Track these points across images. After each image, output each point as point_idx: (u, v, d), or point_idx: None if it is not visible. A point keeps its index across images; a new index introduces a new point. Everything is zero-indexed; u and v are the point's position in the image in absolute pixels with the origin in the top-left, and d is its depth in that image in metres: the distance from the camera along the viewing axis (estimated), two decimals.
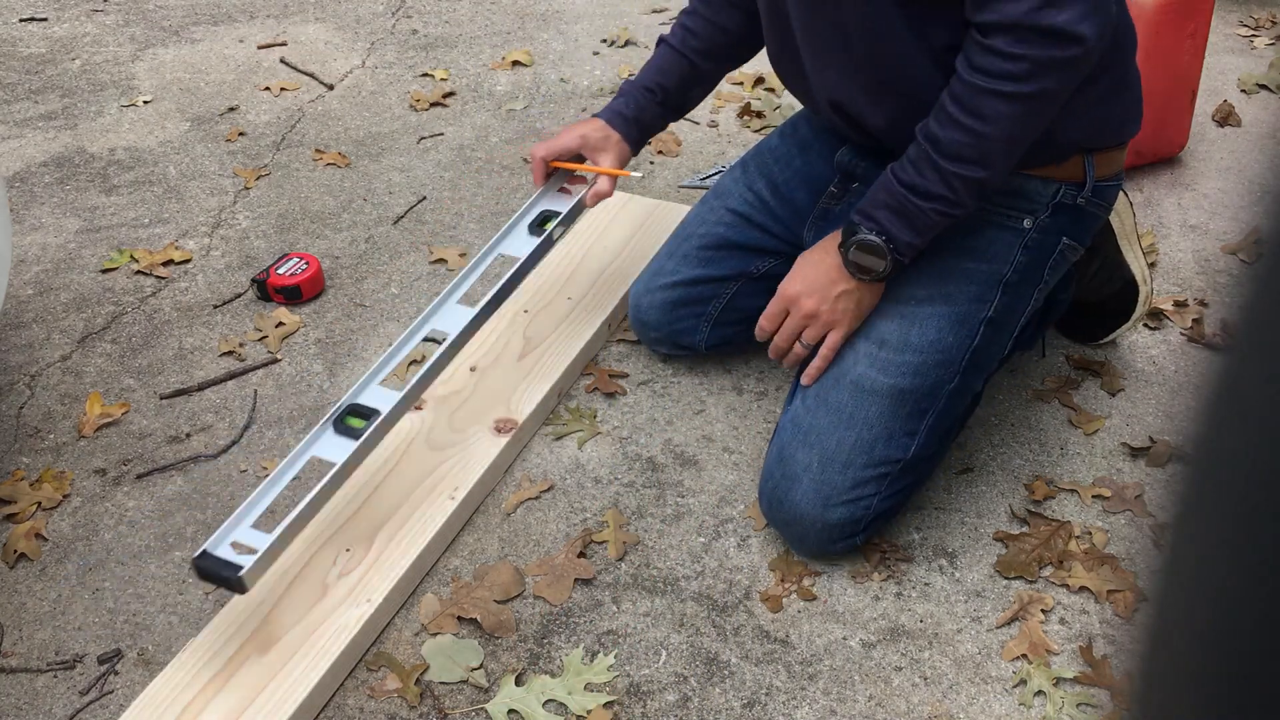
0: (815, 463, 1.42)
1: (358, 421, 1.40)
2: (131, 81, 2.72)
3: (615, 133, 1.65)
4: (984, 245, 1.45)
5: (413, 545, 1.44)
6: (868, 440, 1.42)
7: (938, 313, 1.44)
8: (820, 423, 1.44)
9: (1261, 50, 2.74)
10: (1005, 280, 1.45)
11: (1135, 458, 1.62)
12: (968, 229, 1.43)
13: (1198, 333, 1.84)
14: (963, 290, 1.44)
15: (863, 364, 1.44)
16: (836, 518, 1.40)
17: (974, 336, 1.45)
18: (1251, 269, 0.28)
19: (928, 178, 1.32)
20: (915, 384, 1.42)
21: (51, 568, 1.48)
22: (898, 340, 1.43)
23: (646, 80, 1.66)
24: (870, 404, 1.42)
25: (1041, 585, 1.43)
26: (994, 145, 1.28)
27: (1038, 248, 1.46)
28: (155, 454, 1.66)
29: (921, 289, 1.44)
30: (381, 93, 2.65)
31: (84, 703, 1.31)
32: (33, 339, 1.89)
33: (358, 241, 2.12)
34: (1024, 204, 1.45)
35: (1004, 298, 1.46)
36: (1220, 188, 2.23)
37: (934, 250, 1.43)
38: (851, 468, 1.41)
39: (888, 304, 1.45)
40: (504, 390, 1.69)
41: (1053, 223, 1.46)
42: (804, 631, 1.38)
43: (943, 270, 1.45)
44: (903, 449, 1.43)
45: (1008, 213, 1.45)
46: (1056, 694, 1.30)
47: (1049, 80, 1.25)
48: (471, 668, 1.34)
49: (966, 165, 1.30)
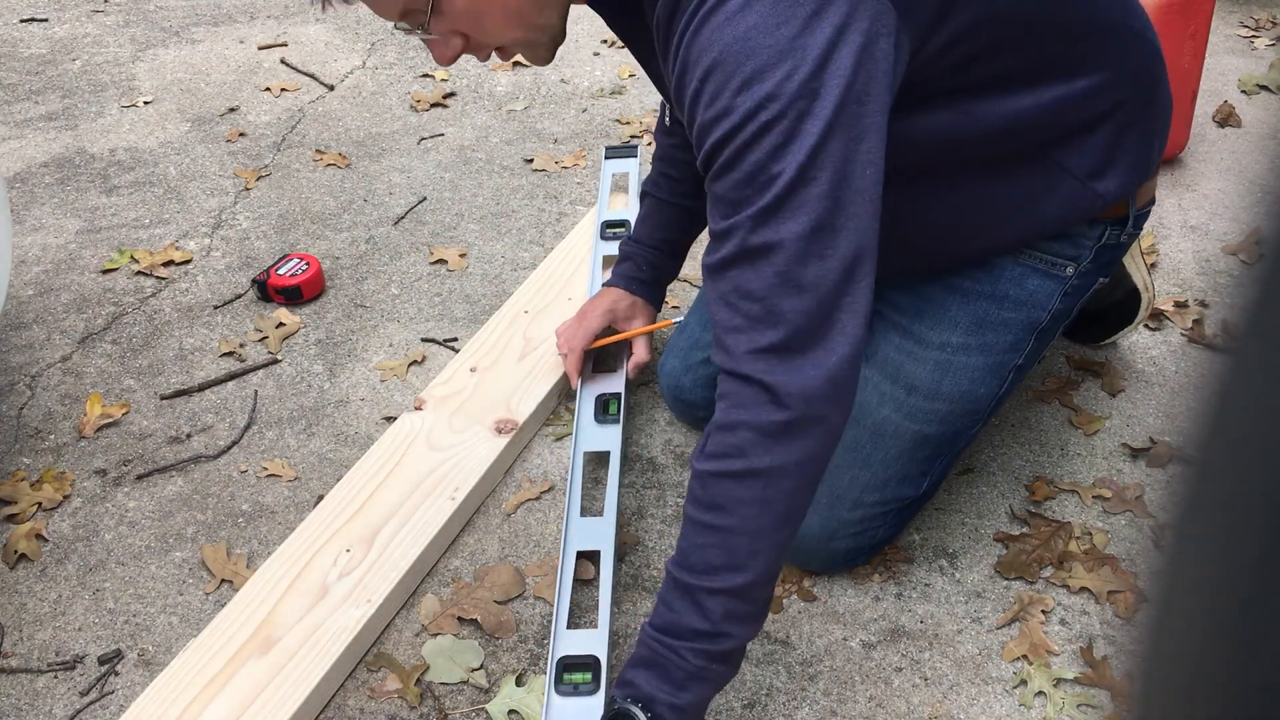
0: (824, 498, 1.38)
1: (580, 676, 1.28)
2: (132, 82, 2.72)
3: (639, 298, 1.63)
4: (1025, 294, 1.36)
5: (413, 546, 1.44)
6: (881, 480, 1.39)
7: (972, 364, 1.36)
8: (835, 459, 1.35)
9: (1262, 51, 2.75)
10: (1041, 328, 1.38)
11: (1136, 458, 1.62)
12: (1009, 276, 1.35)
13: (1198, 333, 1.84)
14: (1000, 339, 1.36)
15: (888, 407, 1.38)
16: (842, 548, 1.40)
17: (1003, 384, 1.39)
18: (1252, 270, 0.28)
19: (677, 609, 1.08)
20: (940, 431, 1.38)
21: (52, 568, 1.48)
22: (928, 388, 1.37)
23: (649, 238, 1.63)
24: (889, 446, 1.38)
25: (1042, 586, 1.43)
26: (741, 540, 1.05)
27: (1075, 293, 1.38)
28: (155, 454, 1.66)
29: (957, 336, 1.36)
30: (382, 93, 2.65)
31: (84, 703, 1.31)
32: (33, 339, 1.89)
33: (358, 242, 2.12)
34: (1070, 250, 1.35)
35: (1035, 343, 1.39)
36: (1220, 188, 2.23)
37: (970, 295, 1.36)
38: (861, 506, 1.39)
39: (921, 349, 1.37)
40: (504, 391, 1.69)
41: (1094, 266, 1.37)
42: (804, 632, 1.38)
43: (981, 318, 1.36)
44: (915, 487, 1.40)
45: (1054, 260, 1.35)
46: (1057, 695, 1.30)
47: (775, 453, 1.03)
48: (472, 668, 1.34)
49: (717, 575, 1.06)
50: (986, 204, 1.29)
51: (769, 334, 1.02)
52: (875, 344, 1.41)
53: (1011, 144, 1.24)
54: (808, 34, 0.98)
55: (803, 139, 0.98)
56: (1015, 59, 1.18)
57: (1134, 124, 1.29)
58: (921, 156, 1.21)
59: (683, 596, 1.07)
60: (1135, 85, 1.28)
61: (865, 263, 1.03)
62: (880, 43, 1.01)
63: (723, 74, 1.00)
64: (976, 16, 1.12)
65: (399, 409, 1.72)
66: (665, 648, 1.08)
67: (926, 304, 1.38)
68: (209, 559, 1.48)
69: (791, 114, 0.98)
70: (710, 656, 1.08)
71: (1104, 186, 1.29)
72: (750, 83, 0.99)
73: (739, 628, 1.08)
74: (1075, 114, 1.24)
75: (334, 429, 1.70)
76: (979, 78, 1.17)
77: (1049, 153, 1.26)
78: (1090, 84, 1.23)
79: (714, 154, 1.03)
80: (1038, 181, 1.28)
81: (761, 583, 1.07)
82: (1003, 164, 1.26)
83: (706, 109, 1.02)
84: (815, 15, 0.98)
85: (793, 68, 0.98)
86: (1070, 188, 1.28)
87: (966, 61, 1.14)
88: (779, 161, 0.99)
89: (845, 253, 1.01)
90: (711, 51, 1.01)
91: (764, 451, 1.03)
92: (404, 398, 1.75)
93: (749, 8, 0.99)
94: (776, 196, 1.00)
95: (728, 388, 1.05)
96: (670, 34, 1.07)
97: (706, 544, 1.06)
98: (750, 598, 1.07)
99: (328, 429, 1.70)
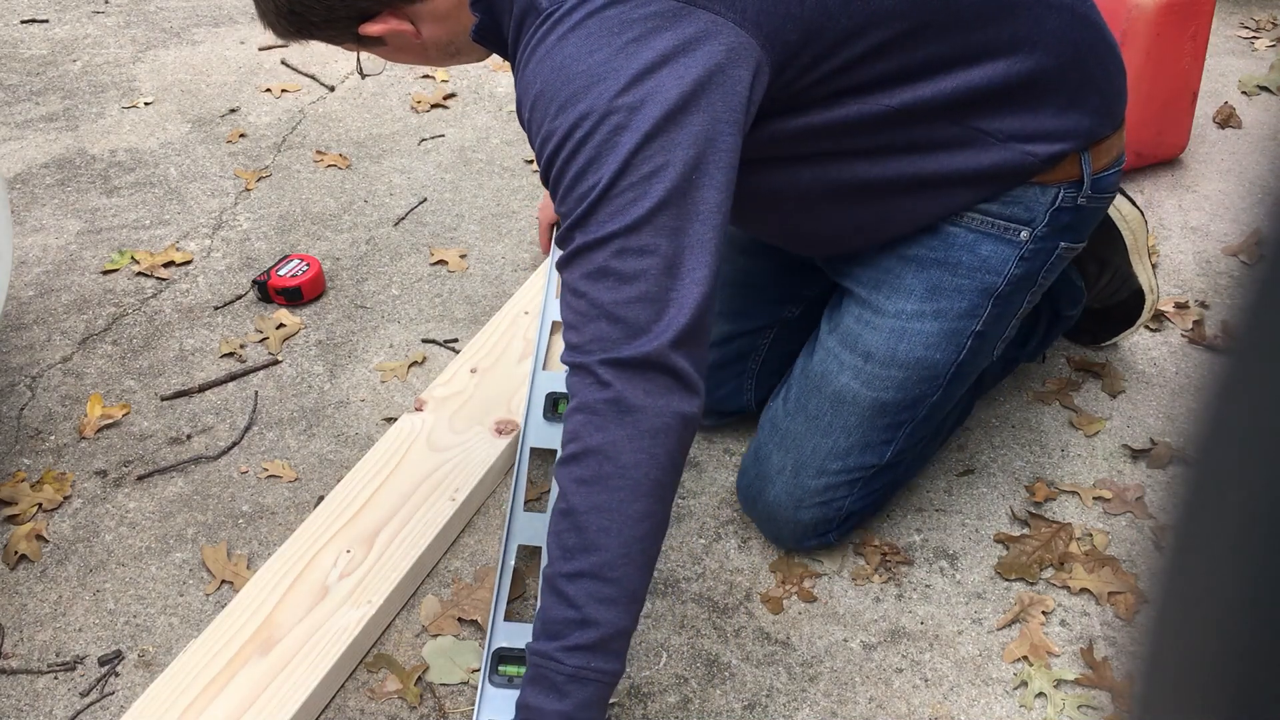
0: (789, 466, 1.43)
1: (515, 669, 1.29)
2: (132, 83, 2.72)
3: None
4: (978, 260, 1.37)
5: (413, 547, 1.44)
6: (843, 448, 1.42)
7: (927, 330, 1.38)
8: (797, 428, 1.43)
9: (1262, 52, 2.75)
10: (998, 293, 1.39)
11: (1136, 459, 1.62)
12: (962, 243, 1.37)
13: (1199, 334, 1.84)
14: (954, 305, 1.38)
15: (846, 375, 1.41)
16: (808, 518, 1.42)
17: (961, 351, 1.40)
18: (1252, 271, 0.28)
19: (545, 605, 1.10)
20: (898, 398, 1.40)
21: (52, 569, 1.48)
22: (884, 355, 1.39)
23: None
24: (849, 414, 1.41)
25: (1042, 587, 1.43)
26: (589, 519, 1.08)
27: (1034, 257, 1.38)
28: (156, 455, 1.66)
29: (912, 303, 1.38)
30: (382, 94, 2.65)
31: (84, 704, 1.31)
32: (34, 340, 1.89)
33: (358, 243, 2.12)
34: (1021, 214, 1.35)
35: (994, 309, 1.40)
36: (1221, 189, 2.23)
37: (925, 264, 1.38)
38: (825, 474, 1.42)
39: (876, 317, 1.40)
40: (505, 392, 1.69)
41: (1051, 231, 1.37)
42: (805, 633, 1.38)
43: (935, 284, 1.38)
44: (878, 455, 1.43)
45: (1005, 224, 1.36)
46: (1057, 696, 1.29)
47: (606, 430, 1.08)
48: (472, 669, 1.34)
49: (572, 558, 1.08)
50: (912, 177, 1.32)
51: (593, 326, 1.09)
52: (838, 316, 1.45)
53: (922, 125, 1.27)
54: (623, 56, 1.07)
55: (617, 150, 1.07)
56: (908, 56, 1.22)
57: (1059, 91, 1.31)
58: (834, 143, 1.27)
59: (549, 591, 1.10)
60: (1056, 56, 1.29)
61: (689, 259, 1.09)
62: (732, 71, 1.10)
63: (544, 102, 1.10)
64: (855, 26, 1.18)
65: (399, 410, 1.72)
66: (541, 656, 1.08)
67: (884, 274, 1.40)
68: (209, 560, 1.48)
69: (605, 128, 1.07)
70: (585, 651, 1.07)
71: (1035, 147, 1.31)
72: (566, 106, 1.08)
73: (605, 611, 1.07)
74: (985, 92, 1.27)
75: (334, 430, 1.70)
76: (871, 77, 1.22)
77: (965, 123, 1.29)
78: (997, 66, 1.26)
79: (546, 174, 1.13)
80: (961, 150, 1.30)
81: (619, 561, 1.07)
82: (920, 140, 1.29)
83: (536, 135, 1.12)
84: (635, 41, 1.08)
85: (605, 88, 1.07)
86: (995, 151, 1.31)
87: (850, 66, 1.20)
88: (595, 172, 1.08)
89: (667, 250, 1.08)
90: (536, 84, 1.11)
91: (594, 430, 1.08)
92: (404, 399, 1.75)
93: (566, 40, 1.09)
94: (591, 204, 1.08)
95: (568, 381, 1.12)
96: (515, 73, 1.18)
97: (560, 530, 1.10)
98: (609, 579, 1.07)
99: (328, 430, 1.70)
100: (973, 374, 1.47)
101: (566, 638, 1.07)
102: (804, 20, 1.14)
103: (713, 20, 1.09)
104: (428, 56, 1.28)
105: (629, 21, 1.08)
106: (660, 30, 1.07)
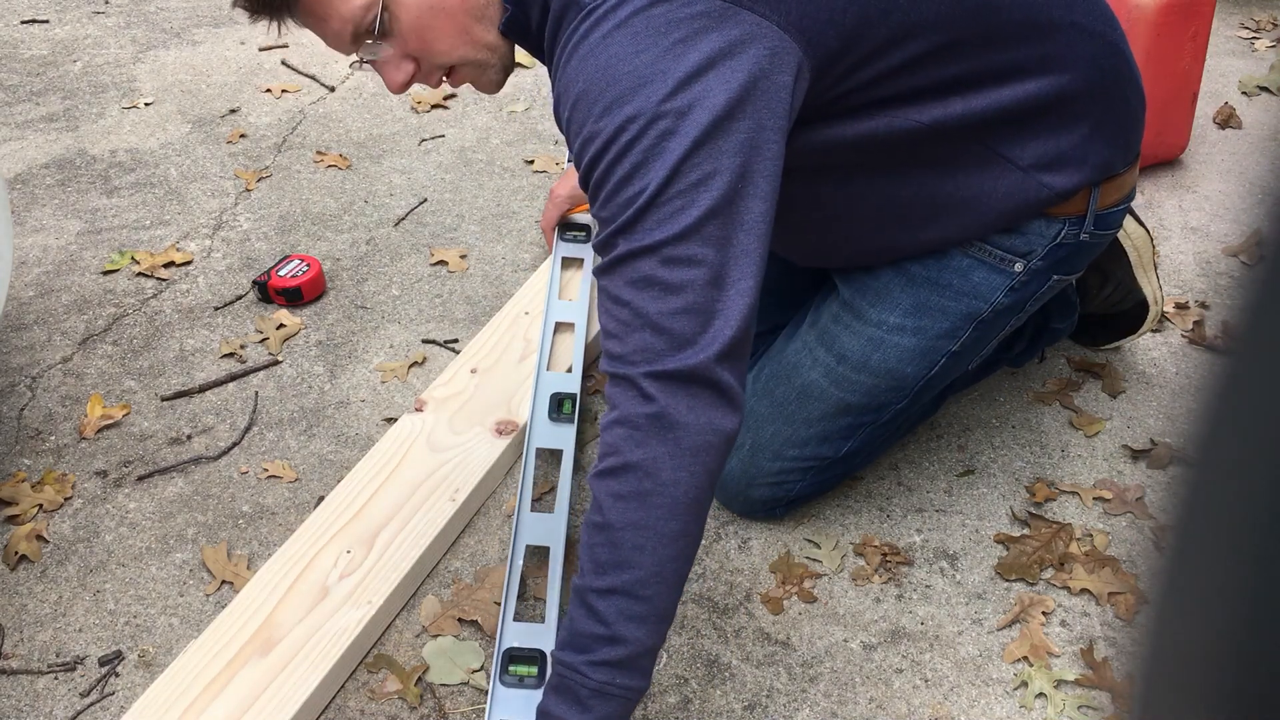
0: (747, 445, 1.46)
1: (525, 669, 1.30)
2: (133, 83, 2.72)
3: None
4: (968, 285, 1.37)
5: (413, 547, 1.44)
6: (802, 438, 1.45)
7: (904, 344, 1.39)
8: (761, 410, 1.46)
9: (1262, 52, 2.75)
10: (981, 319, 1.39)
11: (1136, 460, 1.62)
12: (955, 266, 1.36)
13: (1199, 335, 1.84)
14: (936, 325, 1.38)
15: (817, 371, 1.43)
16: (759, 495, 1.47)
17: (933, 367, 1.41)
18: (1252, 271, 0.28)
19: (574, 618, 1.09)
20: (863, 402, 1.42)
21: (52, 569, 1.48)
22: (857, 360, 1.40)
23: None
24: (813, 408, 1.44)
25: (1042, 587, 1.43)
26: (624, 535, 1.06)
27: (1023, 288, 1.38)
28: (156, 456, 1.66)
29: (895, 316, 1.39)
30: (382, 94, 2.65)
31: (85, 704, 1.31)
32: (34, 341, 1.89)
33: (359, 243, 2.12)
34: (1021, 245, 1.35)
35: (974, 333, 1.40)
36: (1221, 190, 2.23)
37: (915, 280, 1.38)
38: (780, 459, 1.45)
39: (857, 322, 1.41)
40: (505, 392, 1.69)
41: (1046, 265, 1.37)
42: (805, 633, 1.38)
43: (922, 303, 1.38)
44: (835, 449, 1.46)
45: (1003, 254, 1.35)
46: (1057, 696, 1.30)
47: (646, 446, 1.06)
48: (472, 669, 1.34)
49: (605, 574, 1.06)
50: (928, 198, 1.31)
51: (637, 337, 1.06)
52: (821, 311, 1.46)
53: (948, 144, 1.26)
54: (669, 58, 1.05)
55: (665, 156, 1.04)
56: (942, 70, 1.21)
57: (1085, 117, 1.30)
58: (859, 157, 1.26)
59: (579, 604, 1.08)
60: (1086, 81, 1.29)
61: (735, 270, 1.07)
62: (776, 76, 1.07)
63: (588, 102, 1.08)
64: (893, 36, 1.16)
65: (399, 410, 1.72)
66: (566, 668, 1.07)
67: (874, 281, 1.41)
68: (209, 560, 1.48)
69: (653, 133, 1.04)
70: (612, 667, 1.06)
71: (1053, 179, 1.30)
72: (611, 107, 1.06)
73: (635, 630, 1.06)
74: (1014, 113, 1.26)
75: (334, 430, 1.70)
76: (903, 90, 1.21)
77: (990, 144, 1.28)
78: (1027, 87, 1.25)
79: (587, 177, 1.10)
80: (980, 173, 1.29)
81: (652, 579, 1.06)
82: (943, 159, 1.29)
83: (577, 136, 1.10)
84: (682, 41, 1.05)
85: (652, 91, 1.05)
86: (1014, 179, 1.29)
87: (884, 77, 1.19)
88: (642, 178, 1.05)
89: (714, 260, 1.06)
90: (579, 83, 1.09)
91: (635, 445, 1.06)
92: (404, 399, 1.75)
93: (611, 38, 1.07)
94: (638, 210, 1.05)
95: (607, 391, 1.10)
96: (552, 70, 1.15)
97: (594, 543, 1.08)
98: (641, 596, 1.06)
99: (328, 430, 1.70)
100: (943, 385, 1.48)
101: (594, 652, 1.06)
102: (845, 26, 1.13)
103: (757, 22, 1.07)
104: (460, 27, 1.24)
105: (675, 21, 1.05)
106: (707, 31, 1.05)
